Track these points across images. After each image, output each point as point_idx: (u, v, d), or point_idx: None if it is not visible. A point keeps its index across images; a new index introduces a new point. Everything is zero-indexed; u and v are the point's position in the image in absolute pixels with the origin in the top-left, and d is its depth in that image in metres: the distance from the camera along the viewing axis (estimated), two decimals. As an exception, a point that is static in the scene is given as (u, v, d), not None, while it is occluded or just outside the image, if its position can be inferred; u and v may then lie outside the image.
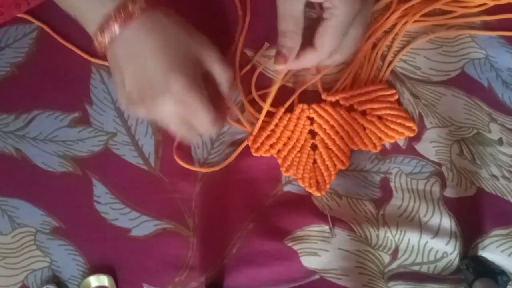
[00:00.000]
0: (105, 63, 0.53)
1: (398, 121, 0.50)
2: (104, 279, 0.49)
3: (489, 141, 0.51)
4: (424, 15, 0.53)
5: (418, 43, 0.53)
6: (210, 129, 0.43)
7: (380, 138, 0.50)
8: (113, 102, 0.52)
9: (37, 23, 0.53)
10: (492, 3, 0.53)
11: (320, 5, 0.44)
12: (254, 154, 0.50)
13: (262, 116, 0.50)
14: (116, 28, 0.40)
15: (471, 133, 0.51)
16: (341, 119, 0.51)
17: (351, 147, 0.50)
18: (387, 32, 0.53)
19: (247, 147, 0.51)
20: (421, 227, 0.48)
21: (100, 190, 0.51)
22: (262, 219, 0.49)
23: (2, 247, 0.50)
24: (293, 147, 0.51)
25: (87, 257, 0.49)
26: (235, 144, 0.51)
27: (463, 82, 0.52)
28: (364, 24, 0.47)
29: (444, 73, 0.52)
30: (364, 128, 0.51)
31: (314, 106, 0.51)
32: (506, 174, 0.50)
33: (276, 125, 0.51)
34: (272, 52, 0.52)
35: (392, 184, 0.50)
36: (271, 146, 0.50)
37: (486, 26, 0.53)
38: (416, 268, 0.48)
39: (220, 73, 0.44)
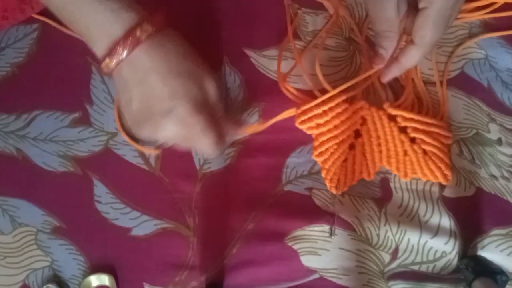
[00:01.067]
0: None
1: (440, 164, 0.48)
2: (105, 279, 0.49)
3: (488, 141, 0.51)
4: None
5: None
6: (211, 152, 0.44)
7: (414, 172, 0.49)
8: (113, 102, 0.52)
9: (39, 17, 0.53)
10: (502, 1, 0.53)
11: None
12: (297, 125, 0.50)
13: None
14: (124, 53, 0.40)
15: (471, 133, 0.51)
16: (390, 134, 0.49)
17: (383, 165, 0.50)
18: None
19: (248, 146, 0.51)
20: (421, 226, 0.48)
21: (100, 190, 0.51)
22: (263, 219, 0.49)
23: (3, 247, 0.50)
24: (334, 137, 0.49)
25: (87, 257, 0.50)
26: (235, 144, 0.51)
27: (463, 82, 0.52)
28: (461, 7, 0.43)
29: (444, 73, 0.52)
30: (406, 155, 0.49)
31: (373, 109, 0.49)
32: (505, 174, 0.50)
33: (330, 109, 0.49)
34: (273, 52, 0.53)
35: (392, 184, 0.50)
36: (316, 125, 0.50)
37: (486, 26, 0.53)
38: (415, 267, 0.48)
39: (216, 97, 0.44)
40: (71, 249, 0.50)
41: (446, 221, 0.49)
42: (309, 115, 0.49)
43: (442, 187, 0.50)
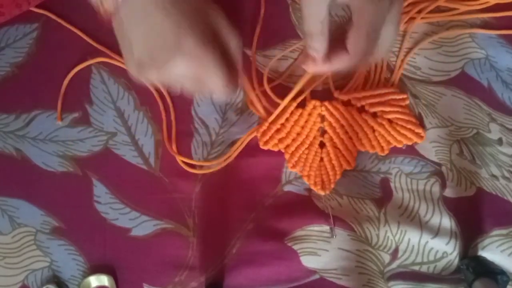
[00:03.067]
0: (109, 49, 0.53)
1: (408, 126, 0.50)
2: (104, 279, 0.49)
3: (489, 141, 0.51)
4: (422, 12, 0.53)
5: (424, 43, 0.53)
6: (223, 88, 0.42)
7: (388, 142, 0.50)
8: (113, 102, 0.52)
9: (40, 11, 0.53)
10: (493, 1, 0.53)
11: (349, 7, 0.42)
12: (262, 147, 0.50)
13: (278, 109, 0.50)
14: None
15: (471, 133, 0.51)
16: (351, 119, 0.50)
17: (358, 148, 0.50)
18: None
19: (248, 146, 0.51)
20: (421, 227, 0.48)
21: (100, 190, 0.51)
22: (262, 219, 0.49)
23: (2, 247, 0.50)
24: (301, 143, 0.50)
25: (87, 257, 0.50)
26: (235, 144, 0.51)
27: (463, 82, 0.52)
28: (397, 19, 0.44)
29: (444, 73, 0.52)
30: (374, 131, 0.50)
31: (326, 103, 0.51)
32: (506, 174, 0.50)
33: (287, 120, 0.50)
34: (272, 52, 0.53)
35: (392, 184, 0.50)
36: (280, 140, 0.50)
37: (486, 25, 0.53)
38: (416, 268, 0.48)
39: (228, 31, 0.42)
40: (71, 249, 0.50)
41: (447, 221, 0.48)
42: (269, 134, 0.50)
43: (442, 187, 0.49)
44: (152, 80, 0.42)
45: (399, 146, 0.50)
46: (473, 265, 0.46)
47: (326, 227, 0.48)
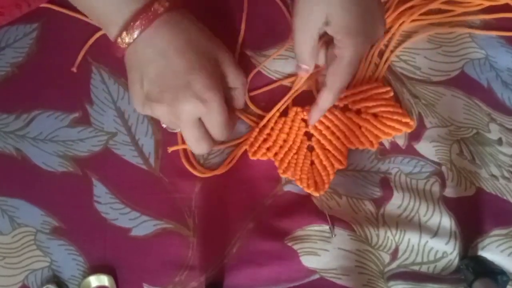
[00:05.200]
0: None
1: (394, 117, 0.50)
2: (104, 279, 0.49)
3: (488, 141, 0.51)
4: (422, 14, 0.53)
5: (415, 40, 0.53)
6: (222, 132, 0.45)
7: (377, 136, 0.50)
8: (113, 102, 0.52)
9: (48, 6, 0.53)
10: (487, 3, 0.53)
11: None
12: (252, 158, 0.50)
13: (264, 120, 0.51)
14: (142, 26, 0.42)
15: (471, 133, 0.51)
16: (336, 119, 0.51)
17: (348, 146, 0.50)
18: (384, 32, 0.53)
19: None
20: (421, 226, 0.48)
21: (100, 190, 0.51)
22: (262, 219, 0.49)
23: (2, 247, 0.50)
24: (289, 149, 0.51)
25: (87, 257, 0.49)
26: (236, 143, 0.51)
27: (463, 82, 0.52)
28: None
29: (444, 73, 0.52)
30: (360, 127, 0.50)
31: (308, 108, 0.51)
32: (506, 174, 0.50)
33: (272, 129, 0.51)
34: (272, 52, 0.53)
35: (392, 184, 0.50)
36: (268, 149, 0.51)
37: (485, 26, 0.53)
38: (416, 268, 0.48)
39: (235, 77, 0.47)
40: (71, 249, 0.50)
41: (447, 221, 0.48)
42: (257, 145, 0.50)
43: (442, 187, 0.49)
44: (156, 114, 0.44)
45: (389, 138, 0.50)
46: (473, 265, 0.46)
47: (326, 227, 0.48)
